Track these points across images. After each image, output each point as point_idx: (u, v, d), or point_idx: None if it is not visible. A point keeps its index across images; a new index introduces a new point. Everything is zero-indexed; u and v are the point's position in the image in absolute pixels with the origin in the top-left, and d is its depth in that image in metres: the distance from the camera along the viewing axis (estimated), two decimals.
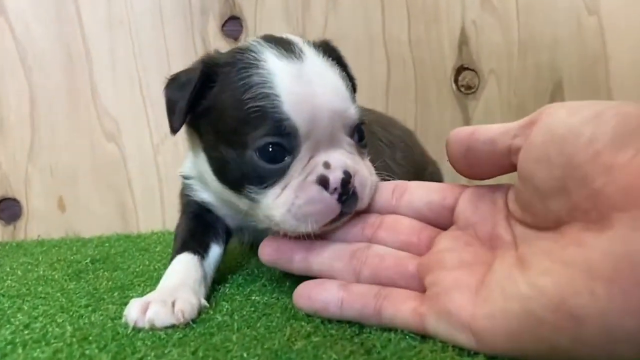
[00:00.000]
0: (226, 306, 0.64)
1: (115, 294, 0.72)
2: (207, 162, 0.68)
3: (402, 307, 0.53)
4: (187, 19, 1.22)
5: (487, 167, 0.54)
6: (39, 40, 1.21)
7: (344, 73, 0.67)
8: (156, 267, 0.86)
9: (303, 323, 0.56)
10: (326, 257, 0.61)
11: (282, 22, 1.24)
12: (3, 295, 0.73)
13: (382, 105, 1.24)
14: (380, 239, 0.61)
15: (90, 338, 0.55)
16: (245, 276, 0.77)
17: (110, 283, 0.77)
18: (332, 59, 0.67)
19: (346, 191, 0.59)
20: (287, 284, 0.70)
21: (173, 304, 0.59)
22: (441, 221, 0.59)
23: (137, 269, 0.85)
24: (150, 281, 0.77)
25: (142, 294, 0.66)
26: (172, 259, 0.70)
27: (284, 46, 0.63)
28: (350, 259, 0.59)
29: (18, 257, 1.02)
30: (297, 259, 0.62)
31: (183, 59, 1.22)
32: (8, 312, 0.66)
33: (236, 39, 1.23)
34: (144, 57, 1.23)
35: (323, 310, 0.57)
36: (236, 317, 0.60)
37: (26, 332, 0.59)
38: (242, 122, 0.61)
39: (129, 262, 0.91)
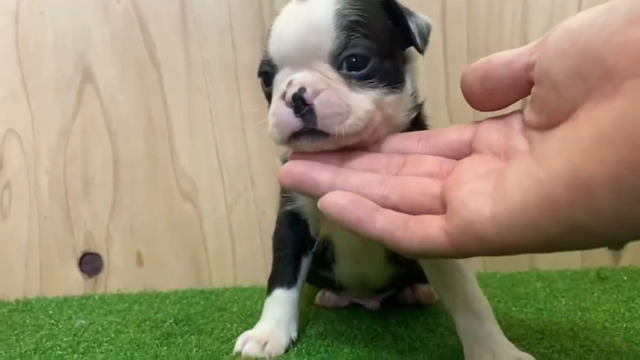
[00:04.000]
0: None
1: None
2: None
3: (430, 230, 0.53)
4: (261, 85, 1.29)
5: (506, 91, 0.54)
6: (123, 106, 1.30)
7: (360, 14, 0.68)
8: (238, 331, 0.90)
9: None
10: (354, 183, 0.60)
11: None
12: None
13: None
14: (405, 173, 0.61)
15: None
16: (327, 347, 0.81)
17: (201, 351, 0.81)
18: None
19: (298, 105, 0.63)
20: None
21: (265, 344, 0.78)
22: (462, 157, 0.59)
23: (221, 334, 0.90)
24: None
25: None
26: (270, 286, 0.86)
27: None
28: (378, 185, 0.59)
29: (103, 312, 1.08)
30: (324, 183, 0.61)
31: (257, 124, 1.30)
32: None
33: None
34: (220, 121, 1.31)
35: (357, 226, 0.57)
36: None
37: None
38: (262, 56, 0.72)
39: (212, 325, 0.96)
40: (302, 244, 0.86)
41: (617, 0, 0.43)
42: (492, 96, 0.56)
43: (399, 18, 0.72)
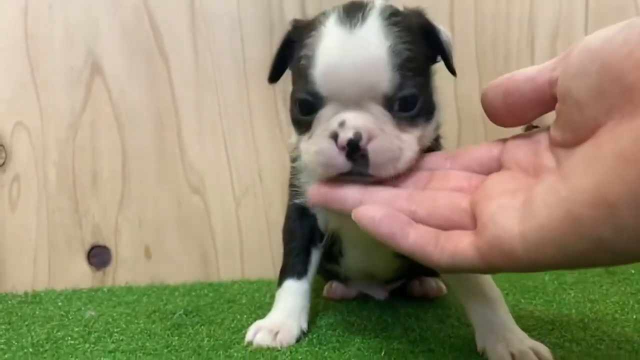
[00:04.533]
0: None
1: (220, 352, 0.76)
2: None
3: (460, 245, 0.53)
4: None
5: (528, 107, 0.55)
6: (131, 99, 1.30)
7: (413, 45, 0.67)
8: (249, 322, 0.90)
9: None
10: (381, 198, 0.62)
11: None
12: (117, 351, 0.79)
13: None
14: (432, 188, 0.63)
15: None
16: (338, 337, 0.81)
17: (212, 341, 0.82)
18: (406, 28, 0.68)
19: (353, 151, 0.63)
20: (383, 351, 0.74)
21: (277, 334, 0.78)
22: (491, 173, 0.60)
23: (232, 325, 0.90)
24: None
25: (244, 354, 0.74)
26: (281, 277, 0.87)
27: (351, 11, 0.68)
28: (406, 201, 0.60)
29: (113, 304, 1.09)
30: (351, 199, 0.62)
31: (265, 117, 1.31)
32: None
33: None
34: (228, 115, 1.31)
35: (389, 239, 0.57)
36: None
37: None
38: (296, 77, 0.72)
39: (222, 316, 0.96)
40: (311, 236, 0.87)
41: (637, 17, 0.44)
42: (514, 112, 0.57)
43: (437, 43, 0.72)
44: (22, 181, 1.30)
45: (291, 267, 0.87)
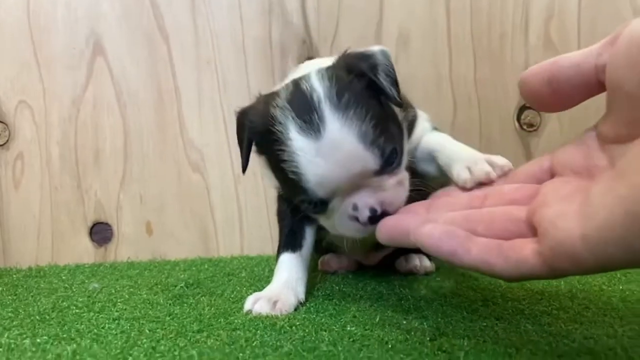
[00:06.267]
0: (326, 336, 0.69)
1: (221, 319, 0.78)
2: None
3: (523, 253, 0.52)
4: (267, 59, 1.32)
5: (575, 92, 0.55)
6: (133, 78, 1.32)
7: (367, 104, 0.72)
8: (248, 293, 0.92)
9: (402, 356, 0.62)
10: (441, 221, 0.63)
11: None
12: (122, 318, 0.82)
13: None
14: (488, 205, 0.64)
15: None
16: (335, 306, 0.84)
17: (212, 309, 0.84)
18: (355, 99, 0.72)
19: (374, 220, 0.73)
20: (378, 317, 0.77)
21: (275, 303, 0.81)
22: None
23: (232, 295, 0.93)
24: None
25: (244, 320, 0.77)
26: (278, 253, 0.92)
27: (303, 113, 0.71)
28: (464, 221, 0.61)
29: (115, 277, 1.12)
30: (413, 230, 0.63)
31: None
32: (132, 334, 0.72)
33: None
34: (228, 94, 1.33)
35: (452, 256, 0.57)
36: (339, 348, 0.65)
37: (157, 354, 0.64)
38: (286, 182, 0.76)
39: (222, 288, 0.99)
40: (304, 215, 0.88)
41: None
42: (560, 97, 0.56)
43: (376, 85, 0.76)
44: (26, 159, 1.33)
45: (286, 243, 0.91)
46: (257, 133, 0.77)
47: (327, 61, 0.81)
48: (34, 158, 1.33)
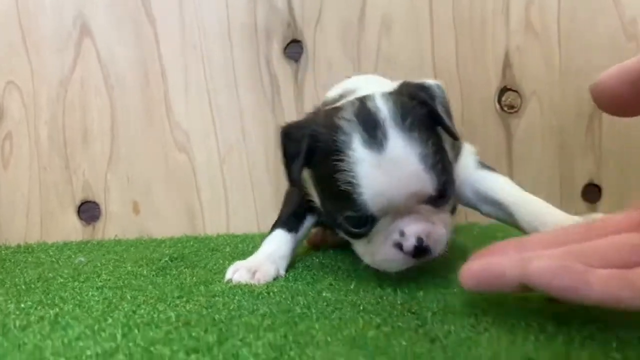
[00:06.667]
0: (302, 300, 0.72)
1: (201, 287, 0.80)
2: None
3: None
4: (253, 43, 1.34)
5: None
6: (120, 61, 1.34)
7: (428, 131, 0.73)
8: (231, 264, 0.95)
9: (372, 316, 0.64)
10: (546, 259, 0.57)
11: (339, 45, 1.34)
12: (105, 287, 0.84)
13: None
14: (593, 238, 0.56)
15: (192, 323, 0.63)
16: (313, 275, 0.87)
17: (194, 279, 0.86)
18: (418, 125, 0.73)
19: (419, 253, 0.72)
20: (353, 284, 0.79)
21: (255, 273, 0.83)
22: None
23: (214, 267, 0.95)
24: None
25: (224, 288, 0.79)
26: (272, 228, 0.92)
27: (369, 128, 0.72)
28: (573, 255, 0.53)
29: (102, 254, 1.14)
30: (511, 269, 0.54)
31: (249, 79, 1.35)
32: (114, 300, 0.75)
33: (297, 60, 1.34)
34: (214, 77, 1.36)
35: (571, 293, 0.49)
36: (313, 310, 0.67)
37: (136, 317, 0.66)
38: (335, 195, 0.74)
39: (205, 261, 1.01)
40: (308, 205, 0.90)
41: None
42: None
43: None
44: (15, 139, 1.35)
45: (284, 221, 0.92)
46: (318, 142, 0.76)
47: (373, 77, 0.87)
48: (23, 138, 1.35)
